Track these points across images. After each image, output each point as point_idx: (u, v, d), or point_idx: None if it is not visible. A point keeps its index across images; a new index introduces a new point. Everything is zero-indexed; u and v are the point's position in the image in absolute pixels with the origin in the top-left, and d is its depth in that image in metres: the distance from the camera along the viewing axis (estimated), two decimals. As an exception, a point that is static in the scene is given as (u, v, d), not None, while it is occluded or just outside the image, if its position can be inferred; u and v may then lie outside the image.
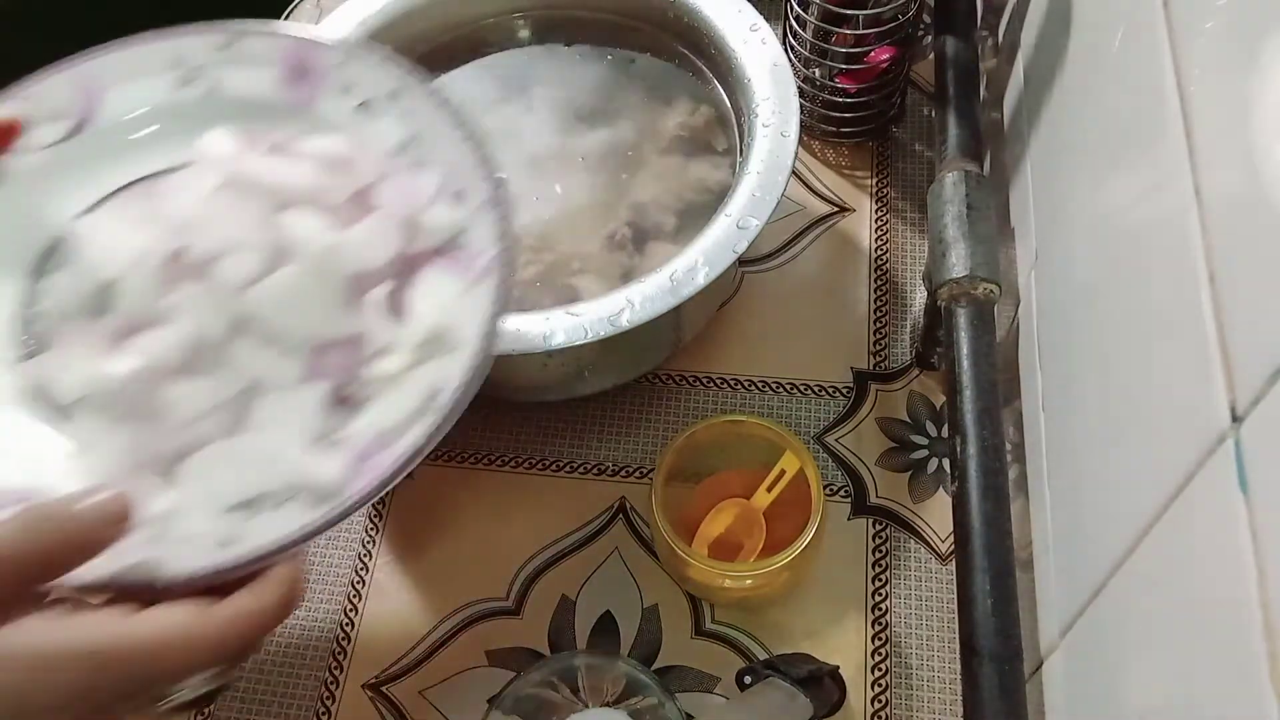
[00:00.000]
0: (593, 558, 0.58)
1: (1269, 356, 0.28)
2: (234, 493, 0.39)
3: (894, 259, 0.68)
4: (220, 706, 0.55)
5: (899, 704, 0.53)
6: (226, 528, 0.38)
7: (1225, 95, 0.34)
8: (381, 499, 0.61)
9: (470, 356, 0.41)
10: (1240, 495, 0.29)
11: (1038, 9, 0.59)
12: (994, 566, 0.44)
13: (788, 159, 0.56)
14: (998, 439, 0.47)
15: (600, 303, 0.52)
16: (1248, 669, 0.28)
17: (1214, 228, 0.33)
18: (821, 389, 0.63)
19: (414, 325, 0.43)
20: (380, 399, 0.41)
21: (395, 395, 0.41)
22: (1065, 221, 0.50)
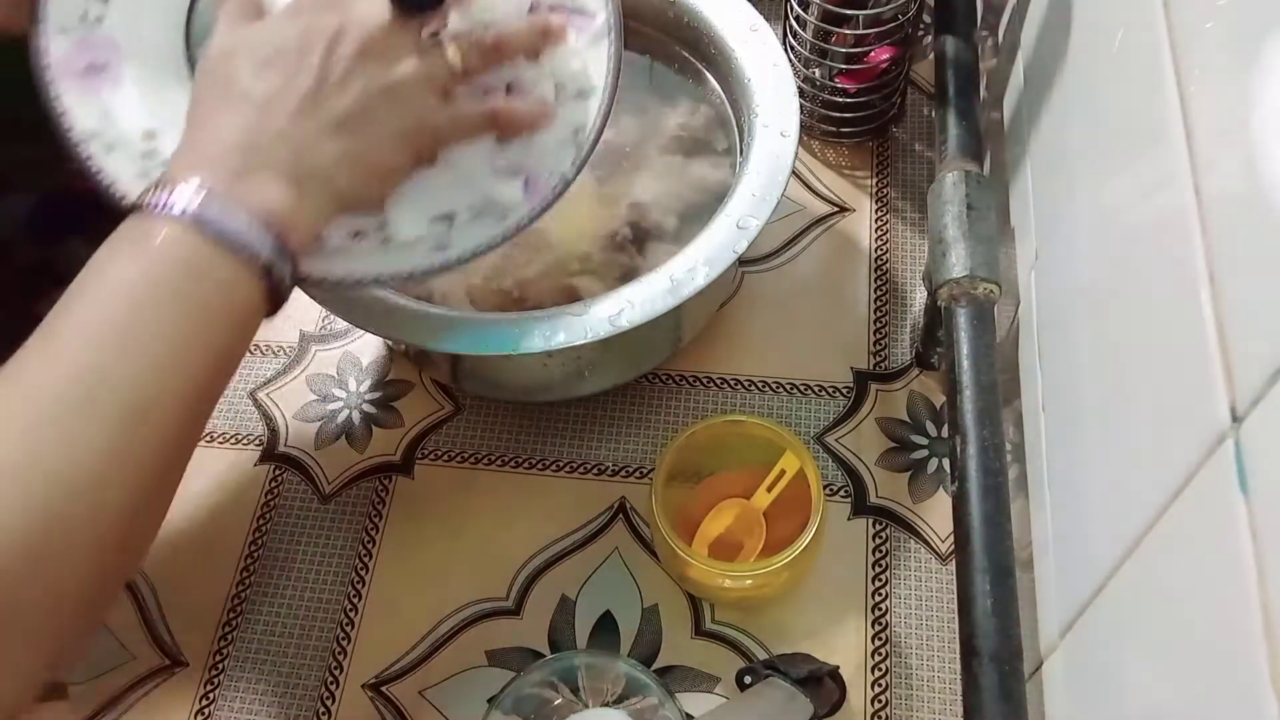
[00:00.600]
0: (593, 558, 0.58)
1: (1269, 356, 0.28)
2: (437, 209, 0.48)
3: (894, 259, 0.68)
4: (220, 706, 0.55)
5: (899, 704, 0.53)
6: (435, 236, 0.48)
7: (1225, 95, 0.34)
8: (381, 499, 0.61)
9: (602, 100, 0.49)
10: (1240, 495, 0.29)
11: (1038, 9, 0.59)
12: (994, 566, 0.44)
13: (788, 159, 0.56)
14: (998, 439, 0.47)
15: (600, 303, 0.52)
16: (1248, 669, 0.28)
17: (1214, 228, 0.33)
18: (821, 389, 0.63)
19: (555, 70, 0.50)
20: (538, 136, 0.49)
21: (548, 132, 0.49)
22: (1065, 221, 0.50)
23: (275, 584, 0.59)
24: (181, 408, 0.38)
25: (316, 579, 0.59)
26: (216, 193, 0.39)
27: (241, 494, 0.62)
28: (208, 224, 0.38)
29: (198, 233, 0.38)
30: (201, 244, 0.38)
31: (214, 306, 0.38)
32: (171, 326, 0.37)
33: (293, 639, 0.57)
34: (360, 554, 0.59)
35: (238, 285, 0.39)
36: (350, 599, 0.58)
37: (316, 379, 0.66)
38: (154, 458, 0.37)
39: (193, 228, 0.38)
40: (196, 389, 0.38)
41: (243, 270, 0.39)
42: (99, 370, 0.35)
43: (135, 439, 0.36)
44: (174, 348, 0.37)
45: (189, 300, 0.38)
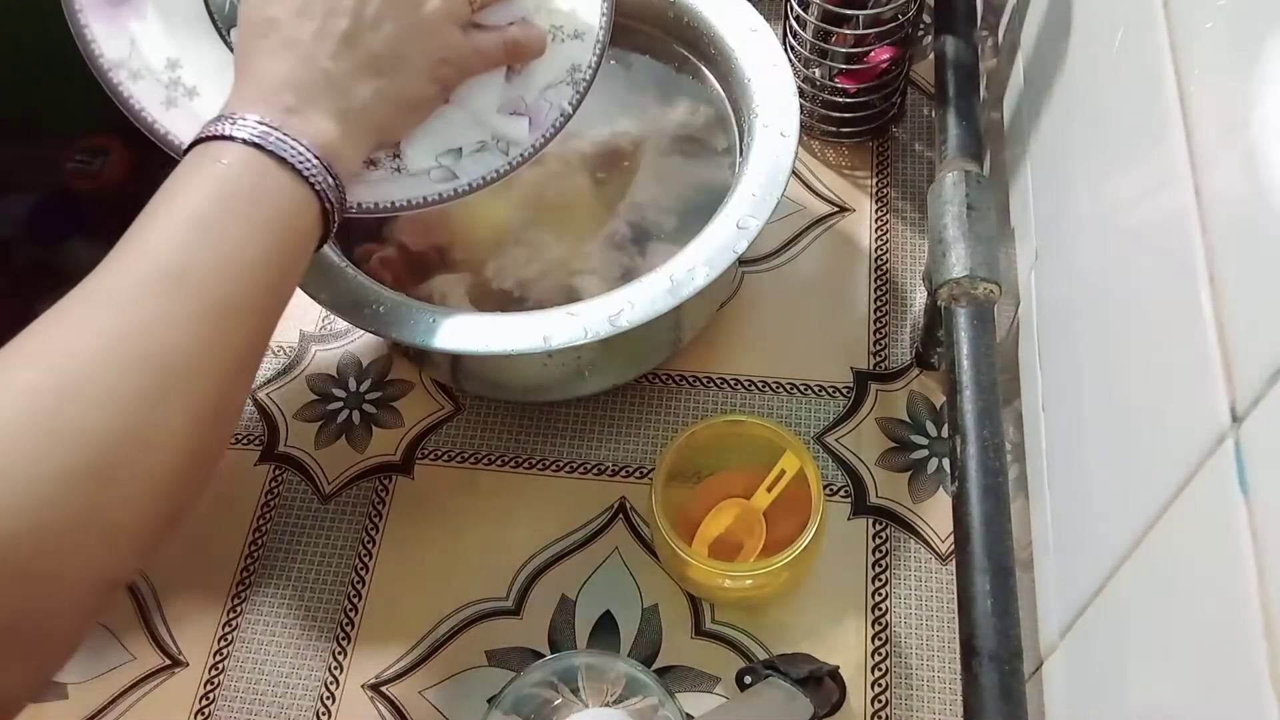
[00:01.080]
0: (593, 558, 0.58)
1: (1269, 356, 0.28)
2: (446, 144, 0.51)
3: (894, 259, 0.68)
4: (221, 706, 0.55)
5: (899, 704, 0.53)
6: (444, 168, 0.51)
7: (1225, 95, 0.34)
8: (381, 499, 0.61)
9: (596, 39, 0.53)
10: (1240, 495, 0.29)
11: (1038, 9, 0.59)
12: (994, 566, 0.44)
13: (788, 159, 0.56)
14: (998, 439, 0.47)
15: (600, 302, 0.52)
16: (1248, 669, 0.28)
17: (1214, 228, 0.33)
18: (821, 389, 0.63)
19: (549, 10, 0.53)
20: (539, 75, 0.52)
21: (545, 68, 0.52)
22: (1065, 221, 0.50)
23: (275, 584, 0.59)
24: (255, 311, 0.40)
25: (316, 579, 0.59)
26: (273, 124, 0.42)
27: (241, 494, 0.62)
28: (269, 150, 0.41)
29: (262, 154, 0.41)
30: (268, 164, 0.41)
31: (280, 222, 0.41)
32: (244, 233, 0.40)
33: (293, 639, 0.57)
34: (360, 554, 0.59)
35: (299, 206, 0.42)
36: (350, 599, 0.58)
37: (316, 379, 0.66)
38: (233, 354, 0.39)
39: (257, 150, 0.41)
40: (268, 298, 0.41)
41: (302, 192, 0.42)
42: (183, 266, 0.38)
43: (218, 331, 0.38)
44: (247, 253, 0.40)
45: (259, 211, 0.41)
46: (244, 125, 0.42)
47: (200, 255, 0.39)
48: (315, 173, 0.42)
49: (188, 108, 0.49)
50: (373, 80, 0.46)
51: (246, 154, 0.41)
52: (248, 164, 0.41)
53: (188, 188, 0.41)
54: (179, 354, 0.37)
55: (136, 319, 0.37)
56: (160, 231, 0.39)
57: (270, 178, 0.41)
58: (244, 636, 0.57)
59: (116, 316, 0.37)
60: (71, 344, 0.36)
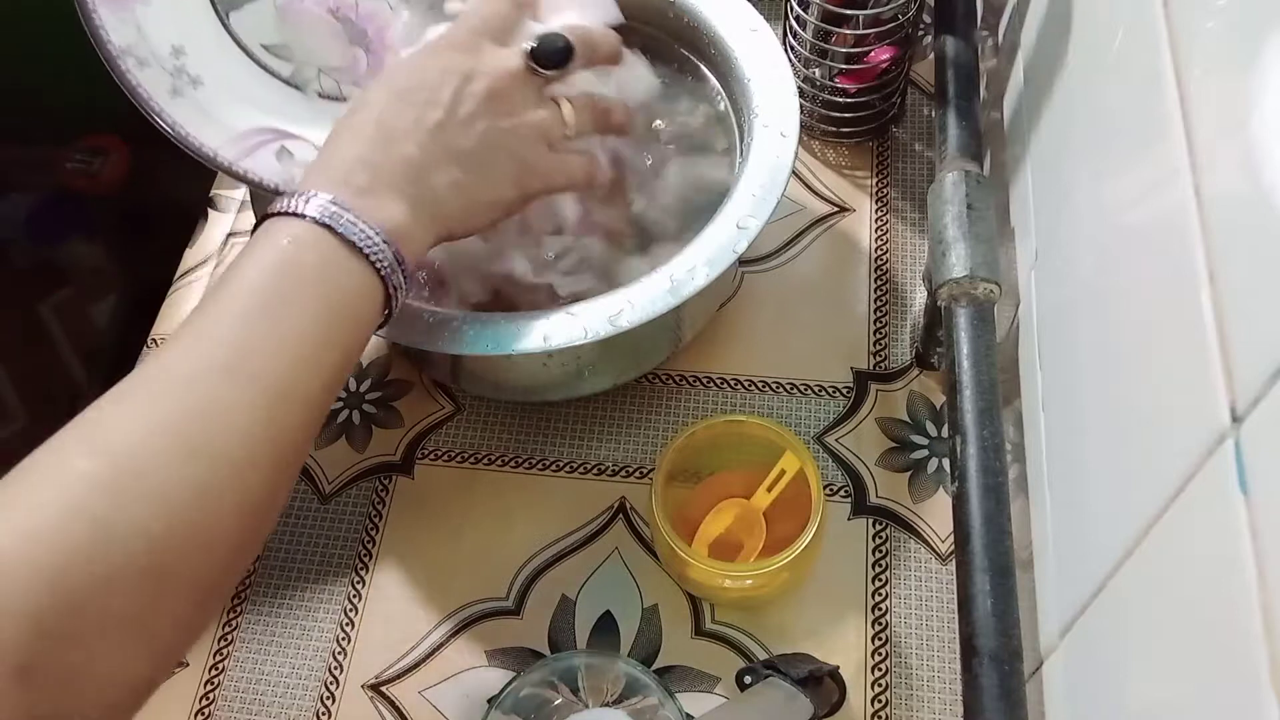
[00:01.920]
0: (593, 558, 0.58)
1: (1269, 356, 0.28)
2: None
3: (894, 259, 0.68)
4: (220, 706, 0.55)
5: (899, 704, 0.53)
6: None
7: (1225, 95, 0.34)
8: (381, 499, 0.61)
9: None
10: (1240, 495, 0.29)
11: (1038, 9, 0.59)
12: (994, 566, 0.44)
13: (788, 159, 0.56)
14: (998, 439, 0.47)
15: (600, 302, 0.52)
16: (1247, 669, 0.28)
17: (1214, 228, 0.33)
18: (821, 389, 0.63)
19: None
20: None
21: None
22: (1065, 221, 0.50)
23: (275, 584, 0.59)
24: (313, 396, 0.40)
25: (316, 579, 0.59)
26: (344, 204, 0.42)
27: (241, 494, 0.62)
28: (338, 231, 0.41)
29: (329, 234, 0.41)
30: (334, 244, 0.41)
31: (342, 306, 0.41)
32: (307, 316, 0.40)
33: (293, 639, 0.57)
34: (360, 554, 0.59)
35: (362, 287, 0.42)
36: (350, 599, 0.58)
37: (316, 379, 0.66)
38: (288, 442, 0.39)
39: (325, 230, 0.41)
40: (325, 381, 0.41)
41: (367, 273, 0.42)
42: (242, 350, 0.38)
43: (275, 419, 0.38)
44: (307, 336, 0.40)
45: (321, 294, 0.41)
46: (315, 203, 0.41)
47: (259, 338, 0.38)
48: (380, 256, 0.42)
49: (192, 97, 0.50)
50: (451, 173, 0.46)
51: (314, 233, 0.41)
52: (314, 244, 0.41)
53: (252, 266, 0.40)
54: (233, 444, 0.36)
55: (193, 406, 0.36)
56: (222, 311, 0.39)
57: (335, 260, 0.41)
58: (244, 636, 0.57)
59: (173, 404, 0.36)
60: (128, 432, 0.35)
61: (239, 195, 0.74)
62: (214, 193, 0.74)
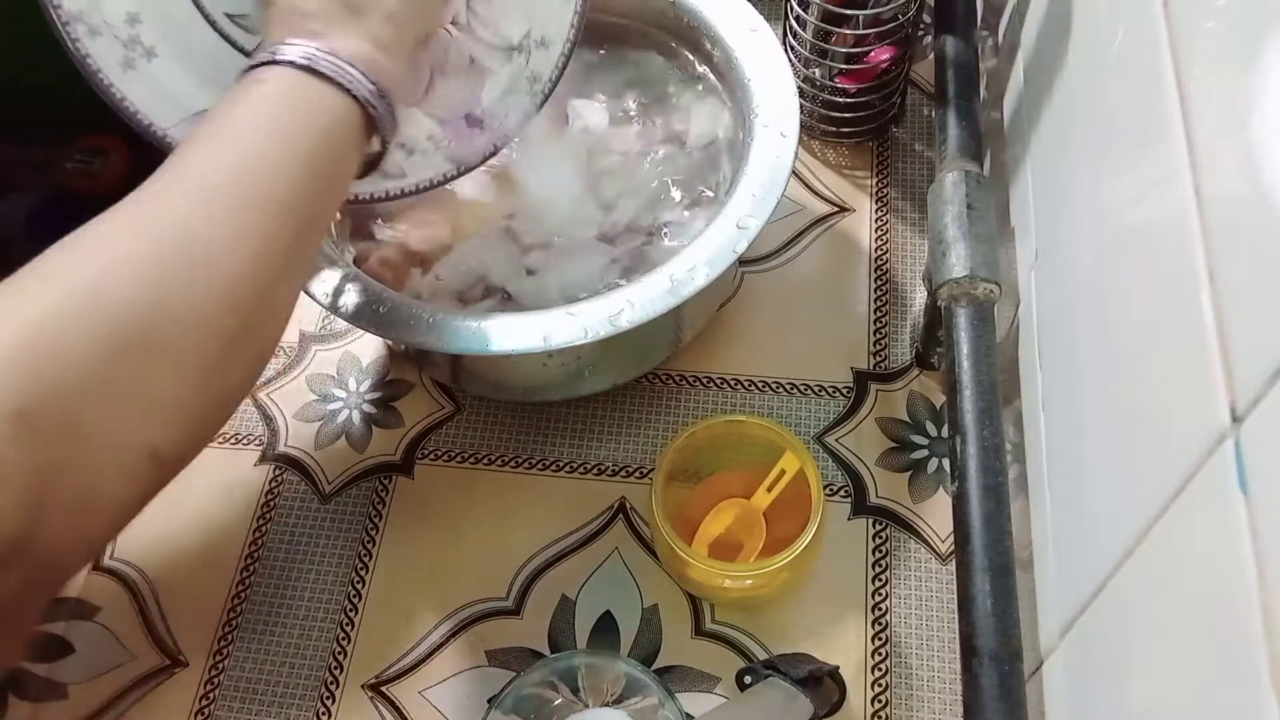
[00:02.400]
0: (593, 558, 0.58)
1: (1269, 356, 0.28)
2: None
3: (894, 259, 0.68)
4: (220, 706, 0.55)
5: (899, 704, 0.53)
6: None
7: (1225, 95, 0.34)
8: (381, 499, 0.61)
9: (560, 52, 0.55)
10: (1240, 495, 0.29)
11: (1038, 9, 0.59)
12: (994, 566, 0.44)
13: (788, 159, 0.56)
14: (998, 439, 0.47)
15: (600, 302, 0.52)
16: (1248, 669, 0.28)
17: (1214, 228, 0.33)
18: (821, 389, 0.63)
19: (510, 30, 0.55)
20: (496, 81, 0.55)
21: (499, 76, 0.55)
22: (1065, 221, 0.50)
23: (275, 584, 0.59)
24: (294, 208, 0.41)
25: (316, 579, 0.59)
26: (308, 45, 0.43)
27: (242, 494, 0.62)
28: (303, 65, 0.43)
29: (296, 70, 0.42)
30: (303, 77, 0.42)
31: (317, 125, 0.43)
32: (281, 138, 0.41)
33: (293, 639, 0.57)
34: (360, 554, 0.59)
35: (338, 112, 0.43)
36: (350, 599, 0.58)
37: (316, 379, 0.66)
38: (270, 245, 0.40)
39: (291, 68, 0.42)
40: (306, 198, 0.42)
41: (339, 99, 0.43)
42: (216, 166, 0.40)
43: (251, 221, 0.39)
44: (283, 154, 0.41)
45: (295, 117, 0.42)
46: (281, 51, 0.43)
47: (234, 156, 0.40)
48: (351, 79, 0.43)
49: (145, 71, 0.48)
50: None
51: (283, 72, 0.42)
52: (283, 79, 0.42)
53: (227, 108, 0.42)
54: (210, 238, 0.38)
55: (172, 212, 0.38)
56: (197, 146, 0.41)
57: (306, 88, 0.42)
58: (244, 636, 0.57)
59: (154, 212, 0.38)
60: (114, 236, 0.38)
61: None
62: (214, 193, 0.74)
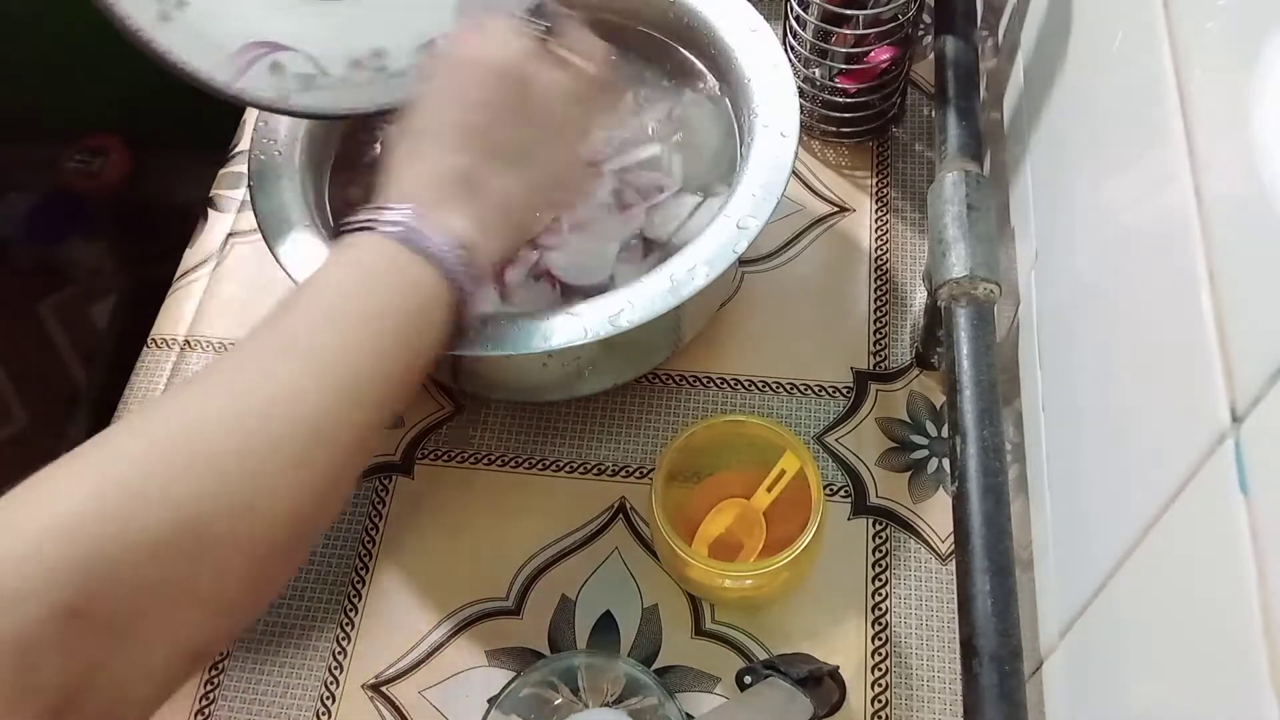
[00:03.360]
0: (593, 558, 0.58)
1: (1269, 356, 0.28)
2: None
3: (894, 259, 0.68)
4: (220, 706, 0.55)
5: (899, 704, 0.53)
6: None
7: (1225, 95, 0.34)
8: (381, 499, 0.61)
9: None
10: (1240, 496, 0.29)
11: (1038, 9, 0.59)
12: (994, 566, 0.44)
13: (787, 159, 0.56)
14: (998, 439, 0.47)
15: (600, 303, 0.52)
16: (1248, 669, 0.28)
17: (1214, 228, 0.33)
18: (821, 389, 0.63)
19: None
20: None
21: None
22: (1065, 221, 0.50)
23: (275, 584, 0.59)
24: (379, 393, 0.40)
25: (316, 579, 0.59)
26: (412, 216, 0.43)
27: (241, 494, 0.62)
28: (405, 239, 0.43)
29: (396, 241, 0.43)
30: (401, 250, 0.42)
31: (410, 304, 0.42)
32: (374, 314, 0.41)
33: (293, 639, 0.57)
34: (360, 554, 0.59)
35: (430, 291, 0.43)
36: (350, 599, 0.58)
37: (316, 379, 0.66)
38: (352, 435, 0.39)
39: (392, 240, 0.43)
40: (391, 380, 0.41)
41: (434, 277, 0.43)
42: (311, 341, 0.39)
43: (339, 408, 0.39)
44: (374, 332, 0.41)
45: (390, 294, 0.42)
46: (383, 216, 0.43)
47: (329, 331, 0.39)
48: (448, 258, 0.43)
49: (180, 20, 0.48)
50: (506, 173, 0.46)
51: (382, 242, 0.42)
52: (383, 251, 0.42)
53: (323, 275, 0.42)
54: (296, 423, 0.37)
55: (259, 386, 0.37)
56: (292, 311, 0.40)
57: (403, 263, 0.42)
58: (244, 636, 0.57)
59: (237, 381, 0.37)
60: (184, 409, 0.36)
61: (239, 195, 0.74)
62: (214, 193, 0.74)
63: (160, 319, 0.69)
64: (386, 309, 0.41)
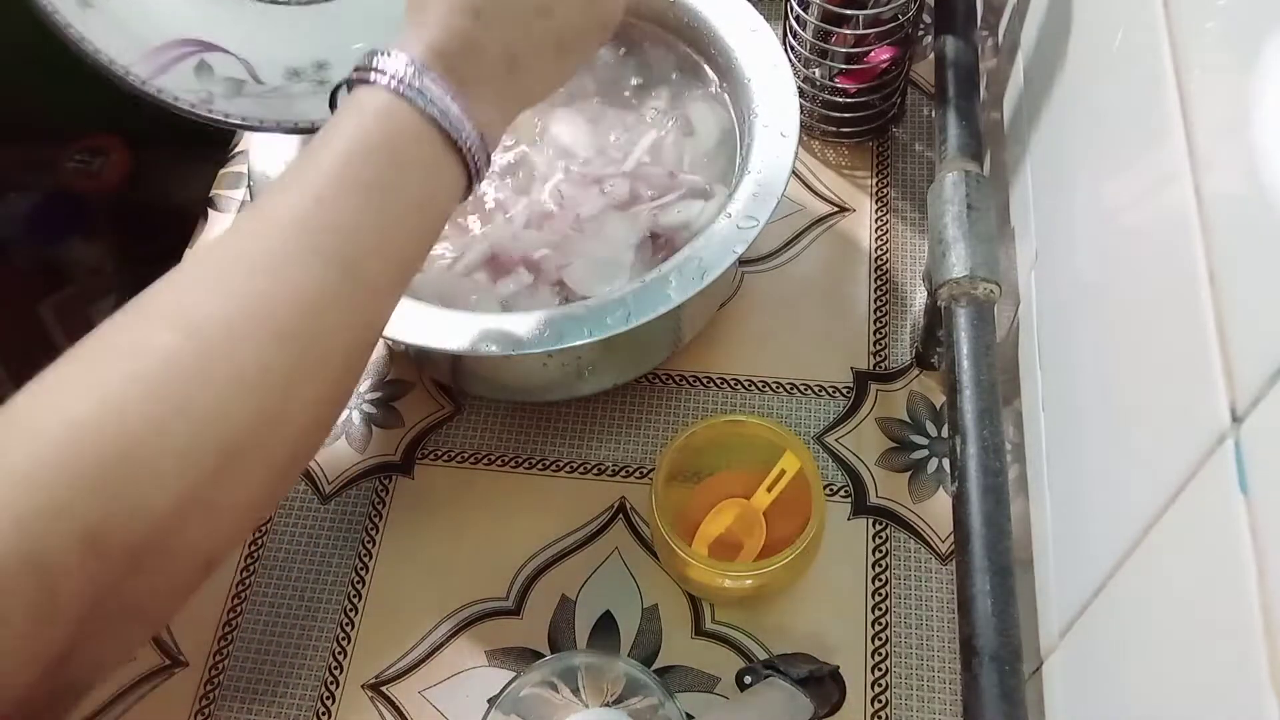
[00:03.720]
0: (593, 558, 0.58)
1: (1269, 356, 0.28)
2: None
3: (894, 259, 0.68)
4: (220, 706, 0.55)
5: (899, 704, 0.53)
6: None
7: (1225, 95, 0.34)
8: (381, 499, 0.61)
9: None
10: (1240, 495, 0.29)
11: (1038, 9, 0.59)
12: (994, 566, 0.44)
13: (787, 159, 0.56)
14: (998, 439, 0.47)
15: (600, 303, 0.52)
16: (1248, 669, 0.28)
17: (1214, 228, 0.33)
18: (821, 389, 0.63)
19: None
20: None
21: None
22: (1065, 221, 0.50)
23: (275, 584, 0.59)
24: (388, 279, 0.39)
25: (316, 579, 0.59)
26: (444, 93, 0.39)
27: (241, 494, 0.62)
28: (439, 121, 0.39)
29: (425, 121, 0.39)
30: (431, 134, 0.39)
31: (435, 196, 0.40)
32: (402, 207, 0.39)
33: (293, 639, 0.57)
34: (360, 554, 0.59)
35: (453, 181, 0.41)
36: (350, 599, 0.58)
37: (316, 379, 0.66)
38: (364, 325, 0.38)
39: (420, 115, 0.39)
40: (400, 264, 0.40)
41: (458, 168, 0.40)
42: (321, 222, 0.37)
43: (355, 299, 0.37)
44: (403, 229, 0.39)
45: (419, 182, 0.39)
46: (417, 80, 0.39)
47: (358, 228, 0.37)
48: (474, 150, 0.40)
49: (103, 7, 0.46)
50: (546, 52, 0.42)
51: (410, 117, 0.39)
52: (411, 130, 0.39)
53: (341, 141, 0.39)
54: (322, 335, 0.36)
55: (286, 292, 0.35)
56: (316, 187, 0.37)
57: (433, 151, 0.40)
58: (244, 636, 0.57)
59: (259, 278, 0.35)
60: (216, 309, 0.34)
61: (239, 195, 0.74)
62: (214, 193, 0.74)
63: (160, 319, 0.69)
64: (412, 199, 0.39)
